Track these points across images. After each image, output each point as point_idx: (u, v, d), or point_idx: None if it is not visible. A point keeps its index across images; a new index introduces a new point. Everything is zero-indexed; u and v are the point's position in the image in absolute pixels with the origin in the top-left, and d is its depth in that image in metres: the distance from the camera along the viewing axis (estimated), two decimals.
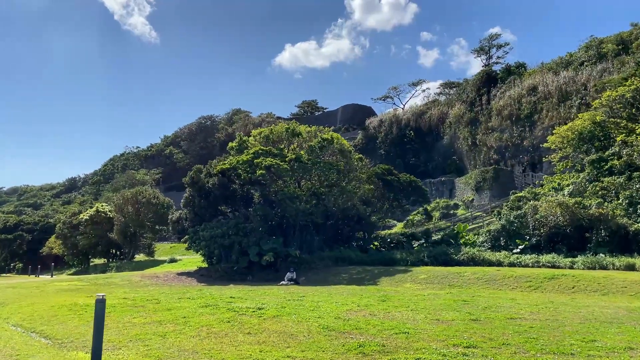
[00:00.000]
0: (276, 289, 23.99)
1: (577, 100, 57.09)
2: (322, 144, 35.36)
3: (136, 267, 48.44)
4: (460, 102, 75.84)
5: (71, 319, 14.28)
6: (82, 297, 20.17)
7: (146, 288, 25.72)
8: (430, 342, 9.89)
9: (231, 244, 31.88)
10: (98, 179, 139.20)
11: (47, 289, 24.39)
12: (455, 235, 39.20)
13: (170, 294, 21.16)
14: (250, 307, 15.25)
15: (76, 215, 61.17)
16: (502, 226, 36.77)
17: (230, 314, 13.95)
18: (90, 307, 16.33)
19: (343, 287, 24.19)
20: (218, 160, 37.42)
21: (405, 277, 25.74)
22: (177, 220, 35.61)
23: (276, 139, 37.92)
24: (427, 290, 21.95)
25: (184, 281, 29.98)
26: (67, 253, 61.60)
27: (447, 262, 33.72)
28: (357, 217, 36.29)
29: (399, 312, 14.19)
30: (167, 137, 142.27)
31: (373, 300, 17.07)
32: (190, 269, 35.67)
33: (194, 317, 13.56)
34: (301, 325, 12.08)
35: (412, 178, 42.06)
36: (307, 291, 21.71)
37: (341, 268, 31.26)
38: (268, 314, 13.86)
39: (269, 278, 31.17)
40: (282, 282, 27.49)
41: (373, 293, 20.26)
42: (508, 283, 21.56)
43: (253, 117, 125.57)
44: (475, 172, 58.98)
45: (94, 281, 28.92)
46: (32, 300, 19.16)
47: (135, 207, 54.47)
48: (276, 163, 32.50)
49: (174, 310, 15.28)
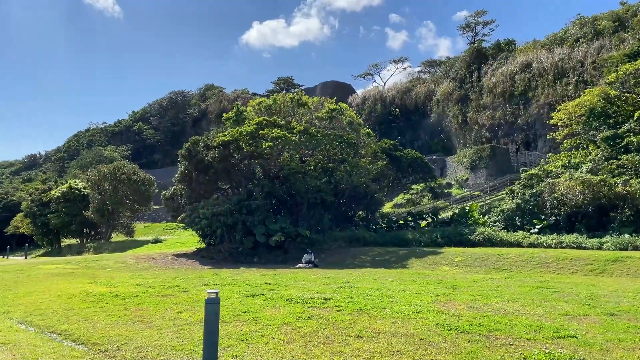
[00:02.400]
0: (300, 272, 21.33)
1: (574, 77, 55.68)
2: (331, 115, 32.57)
3: (117, 248, 44.93)
4: (449, 79, 73.83)
5: (94, 313, 11.33)
6: (86, 283, 17.08)
7: (149, 272, 22.67)
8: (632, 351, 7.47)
9: (235, 222, 28.99)
10: (62, 155, 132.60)
11: (35, 274, 21.08)
12: (465, 214, 37.16)
13: (187, 279, 18.26)
14: (310, 297, 12.55)
15: (46, 192, 56.82)
16: (517, 205, 34.91)
17: (297, 308, 11.25)
18: (108, 298, 13.38)
19: (373, 270, 21.69)
20: (216, 132, 34.19)
21: (438, 260, 23.42)
22: (172, 197, 32.35)
23: (278, 110, 34.90)
24: (474, 274, 19.67)
25: (185, 263, 26.98)
26: (37, 233, 57.32)
27: (461, 242, 31.64)
28: (365, 194, 33.80)
29: (499, 303, 11.75)
30: (135, 113, 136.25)
31: (442, 288, 14.61)
32: (185, 250, 32.60)
33: (257, 312, 10.81)
34: (409, 323, 9.49)
35: (417, 154, 39.75)
36: (339, 275, 19.12)
37: (356, 249, 28.79)
38: (346, 307, 11.22)
39: (277, 260, 28.46)
40: (300, 265, 24.82)
41: (422, 278, 17.82)
42: (564, 266, 19.44)
43: (227, 93, 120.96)
44: (470, 151, 57.16)
45: (85, 264, 25.62)
46: (27, 289, 15.99)
47: (113, 183, 50.65)
48: (283, 135, 29.58)
49: None
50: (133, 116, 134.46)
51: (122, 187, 50.80)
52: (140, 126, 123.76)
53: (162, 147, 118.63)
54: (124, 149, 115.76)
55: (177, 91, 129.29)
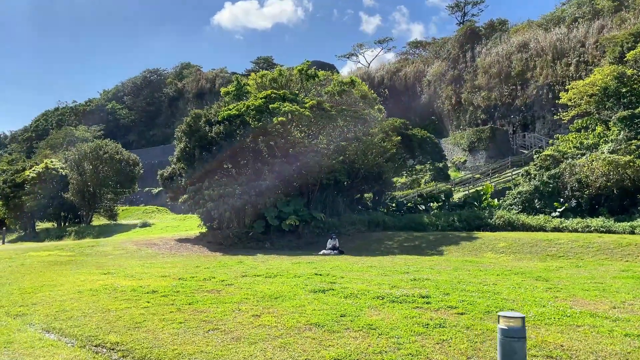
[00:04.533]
0: (333, 260, 19.03)
1: (574, 57, 54.25)
2: (342, 89, 30.11)
3: (101, 233, 41.82)
4: (440, 59, 71.83)
5: (142, 317, 8.81)
6: (99, 274, 14.43)
7: (158, 259, 20.03)
8: None
9: (244, 205, 26.43)
10: (29, 135, 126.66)
11: (29, 263, 18.26)
12: (479, 197, 35.31)
13: (215, 269, 15.78)
14: (404, 295, 10.24)
15: (20, 173, 52.93)
16: (535, 187, 33.20)
17: (404, 310, 8.95)
18: (143, 294, 10.87)
19: (411, 257, 19.53)
20: (218, 106, 31.34)
21: (476, 246, 21.38)
22: (170, 177, 29.48)
23: (284, 83, 32.23)
24: (532, 262, 17.70)
25: (192, 250, 24.35)
26: (9, 216, 53.44)
27: (480, 226, 29.81)
28: (379, 175, 31.57)
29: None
30: (107, 92, 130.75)
31: (531, 280, 12.52)
32: (186, 234, 29.89)
33: (360, 317, 8.47)
34: (601, 337, 7.31)
35: (427, 134, 37.64)
36: (384, 264, 16.91)
37: (376, 234, 26.58)
38: (463, 308, 8.96)
39: (292, 246, 26.06)
40: (324, 251, 22.50)
41: (481, 267, 15.73)
42: (631, 253, 17.58)
43: (205, 72, 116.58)
44: (468, 132, 55.42)
45: (80, 250, 22.78)
46: (31, 282, 13.28)
47: (94, 163, 47.23)
48: (296, 109, 27.02)
49: (283, 299, 10.07)
50: (105, 95, 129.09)
51: (104, 168, 47.43)
52: (114, 105, 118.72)
53: (137, 128, 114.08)
54: (96, 129, 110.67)
55: (152, 69, 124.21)
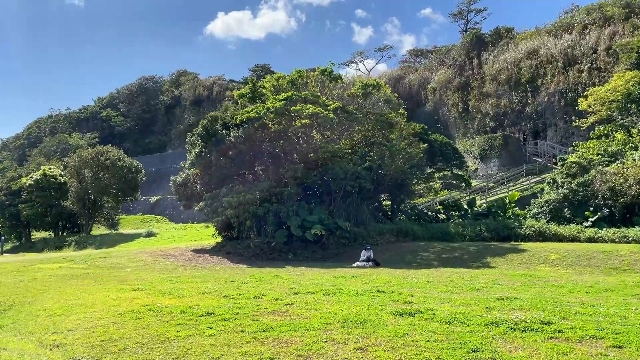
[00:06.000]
0: (374, 272, 17.40)
1: (586, 64, 53.22)
2: (366, 91, 28.60)
3: (104, 243, 39.91)
4: (446, 66, 70.70)
5: (213, 348, 7.13)
6: (128, 290, 12.69)
7: (181, 272, 18.27)
8: None
9: (265, 213, 24.75)
10: (21, 143, 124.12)
11: (42, 277, 16.43)
12: (503, 205, 33.86)
13: (253, 284, 14.08)
14: (520, 320, 8.62)
15: (16, 180, 50.89)
16: (564, 196, 31.82)
17: (533, 341, 7.34)
18: (198, 317, 9.19)
19: (458, 271, 17.94)
20: (235, 109, 29.71)
21: (525, 258, 19.82)
22: (184, 184, 27.70)
23: (302, 86, 30.68)
24: (592, 276, 16.15)
25: (213, 261, 22.59)
26: (4, 225, 51.27)
27: (509, 237, 28.38)
28: (403, 182, 30.03)
29: None
30: (101, 99, 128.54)
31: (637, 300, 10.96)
32: (199, 244, 28.10)
33: (497, 354, 6.85)
34: None
35: (446, 140, 36.21)
36: (438, 278, 15.30)
37: (407, 244, 24.98)
38: (604, 336, 7.37)
39: (316, 257, 24.39)
40: (358, 263, 20.83)
41: (553, 283, 14.16)
42: None
43: (202, 80, 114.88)
44: (480, 139, 54.08)
45: (93, 262, 20.96)
46: (54, 300, 11.52)
47: (95, 170, 45.32)
48: (320, 111, 25.45)
49: (372, 325, 8.43)
50: (99, 102, 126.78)
51: (105, 175, 45.53)
52: (109, 113, 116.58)
53: (132, 135, 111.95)
54: (90, 136, 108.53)
55: (148, 76, 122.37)
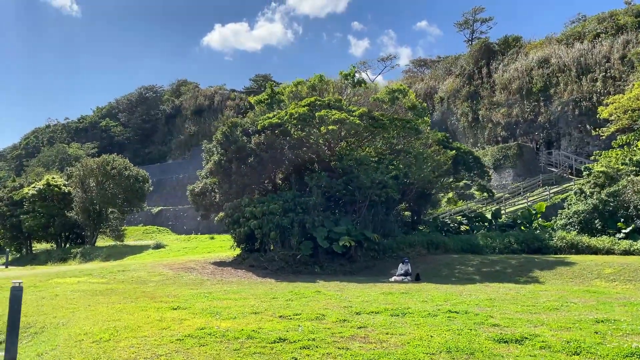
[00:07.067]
0: (420, 288, 16.12)
1: (600, 73, 52.39)
2: (393, 97, 27.46)
3: (111, 255, 38.43)
4: (454, 75, 69.86)
5: None
6: (167, 309, 11.37)
7: (213, 288, 16.91)
8: None
9: (291, 223, 23.44)
10: (19, 153, 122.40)
11: (63, 293, 15.05)
12: (529, 217, 32.66)
13: (304, 302, 12.77)
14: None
15: (17, 190, 49.39)
16: (594, 206, 30.63)
17: None
18: (263, 341, 7.90)
19: (512, 286, 16.69)
20: (255, 115, 28.47)
21: (576, 271, 18.57)
22: (202, 193, 26.36)
23: (322, 90, 29.53)
24: None
25: (237, 274, 21.22)
26: (5, 236, 49.68)
27: (539, 249, 27.20)
28: (428, 192, 28.81)
29: None
30: (100, 109, 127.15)
31: None
32: (217, 256, 26.70)
33: None
34: None
35: (468, 148, 35.08)
36: (494, 295, 14.05)
37: (440, 257, 23.73)
38: None
39: (345, 270, 23.08)
40: (396, 278, 19.55)
41: (628, 299, 12.92)
42: None
43: (203, 89, 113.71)
44: (493, 149, 53.03)
45: (112, 276, 19.55)
46: (92, 323, 10.17)
47: (100, 180, 43.90)
48: (346, 117, 24.25)
49: (483, 356, 7.16)
50: (98, 112, 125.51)
51: (111, 184, 44.11)
52: (108, 122, 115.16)
53: (132, 145, 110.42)
54: (89, 146, 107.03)
55: (148, 86, 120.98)
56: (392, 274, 20.85)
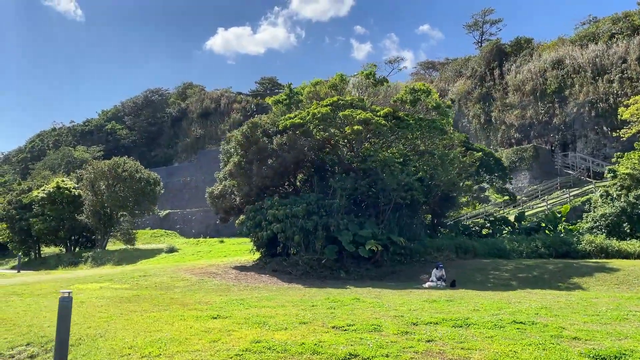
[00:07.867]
0: (463, 295, 15.33)
1: (617, 74, 51.57)
2: (416, 97, 26.71)
3: (122, 259, 37.70)
4: (465, 77, 69.13)
5: None
6: (205, 318, 10.61)
7: (242, 294, 16.13)
8: None
9: (314, 226, 22.67)
10: (24, 156, 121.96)
11: (88, 300, 14.28)
12: (554, 220, 31.82)
13: (347, 310, 12.00)
14: None
15: (26, 193, 48.73)
16: (622, 209, 29.84)
17: None
18: (331, 357, 7.09)
19: (561, 294, 15.89)
20: (274, 115, 27.72)
21: (620, 277, 17.79)
22: (221, 195, 25.60)
23: (343, 89, 28.80)
24: None
25: (261, 279, 20.44)
26: (14, 240, 48.97)
27: (567, 253, 26.35)
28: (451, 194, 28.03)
29: None
30: (105, 112, 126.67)
31: None
32: (236, 260, 25.94)
33: None
34: None
35: (488, 150, 34.28)
36: (547, 303, 13.28)
37: (470, 262, 22.94)
38: None
39: (371, 275, 22.27)
40: (430, 283, 18.73)
41: None
42: None
43: (209, 92, 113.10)
44: (508, 151, 52.20)
45: (134, 282, 18.79)
46: (133, 335, 9.42)
47: (110, 182, 43.22)
48: (371, 117, 23.51)
49: None
50: (104, 115, 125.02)
51: (122, 187, 43.42)
52: (114, 125, 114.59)
53: (138, 149, 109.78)
54: (95, 149, 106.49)
55: (154, 89, 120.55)
56: (422, 280, 20.06)
